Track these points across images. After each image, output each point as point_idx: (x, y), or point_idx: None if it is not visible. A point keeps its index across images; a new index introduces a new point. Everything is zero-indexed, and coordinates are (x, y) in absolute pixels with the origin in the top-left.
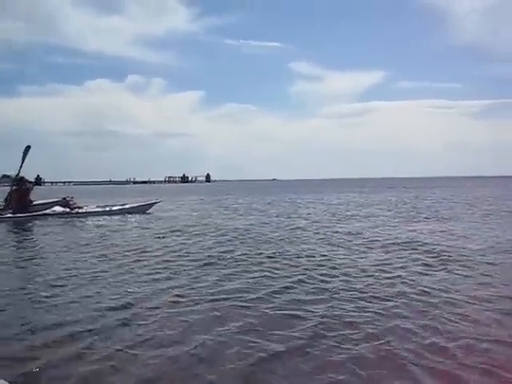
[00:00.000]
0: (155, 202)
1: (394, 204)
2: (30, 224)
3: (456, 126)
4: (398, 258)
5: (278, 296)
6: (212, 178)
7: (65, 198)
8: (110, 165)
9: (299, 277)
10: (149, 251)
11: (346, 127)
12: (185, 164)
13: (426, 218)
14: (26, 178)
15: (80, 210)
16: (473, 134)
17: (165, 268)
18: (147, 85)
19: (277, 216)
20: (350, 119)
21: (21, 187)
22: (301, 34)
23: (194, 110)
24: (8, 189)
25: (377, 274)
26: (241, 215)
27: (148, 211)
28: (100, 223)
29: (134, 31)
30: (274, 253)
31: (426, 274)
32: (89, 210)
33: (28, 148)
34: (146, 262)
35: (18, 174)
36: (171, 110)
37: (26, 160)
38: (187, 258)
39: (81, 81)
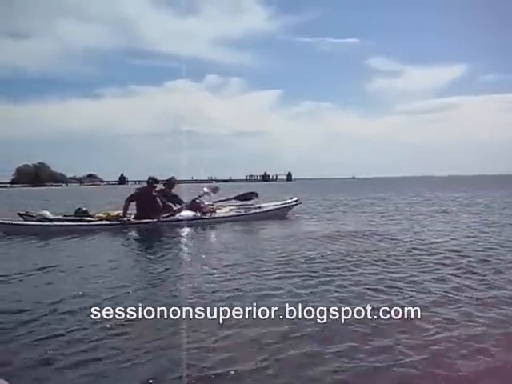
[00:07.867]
0: (295, 204)
1: None
2: (156, 232)
3: None
4: None
5: None
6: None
7: (194, 200)
8: (190, 164)
9: None
10: None
11: (426, 123)
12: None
13: None
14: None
15: (214, 215)
16: None
17: None
18: (225, 84)
19: None
20: (431, 115)
21: (148, 189)
22: (379, 29)
23: (271, 108)
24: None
25: None
26: None
27: (286, 215)
28: (241, 233)
29: (212, 32)
30: None
31: None
32: (223, 214)
33: None
34: None
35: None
36: (249, 109)
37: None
38: None
39: (160, 82)
